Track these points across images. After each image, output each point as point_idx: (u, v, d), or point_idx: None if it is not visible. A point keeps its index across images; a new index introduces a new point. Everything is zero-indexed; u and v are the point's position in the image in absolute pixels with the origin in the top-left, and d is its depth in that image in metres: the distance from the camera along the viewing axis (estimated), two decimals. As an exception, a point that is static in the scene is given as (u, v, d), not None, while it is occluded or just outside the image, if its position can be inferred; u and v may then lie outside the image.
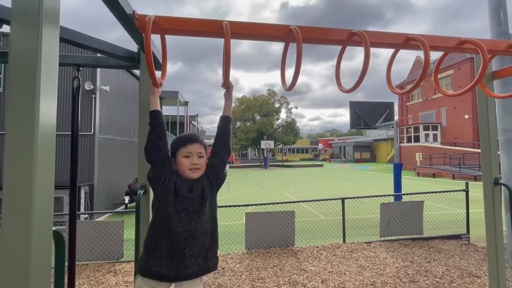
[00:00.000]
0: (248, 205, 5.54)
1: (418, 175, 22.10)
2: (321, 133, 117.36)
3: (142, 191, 1.76)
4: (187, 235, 1.32)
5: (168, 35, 1.41)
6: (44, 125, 0.76)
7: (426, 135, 28.45)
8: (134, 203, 9.69)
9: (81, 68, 2.03)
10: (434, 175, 20.63)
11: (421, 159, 25.88)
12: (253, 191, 14.67)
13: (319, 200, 6.11)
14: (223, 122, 1.51)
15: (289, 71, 1.87)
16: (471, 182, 6.36)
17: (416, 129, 29.42)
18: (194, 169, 1.38)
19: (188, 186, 1.37)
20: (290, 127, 40.05)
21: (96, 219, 7.58)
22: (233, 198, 12.15)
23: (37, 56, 0.75)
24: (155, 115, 1.40)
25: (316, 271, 3.98)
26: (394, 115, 11.59)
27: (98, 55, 2.01)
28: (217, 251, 1.43)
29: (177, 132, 16.69)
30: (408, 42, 1.51)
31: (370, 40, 1.35)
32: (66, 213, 1.96)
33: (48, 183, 0.77)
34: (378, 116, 11.25)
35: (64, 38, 1.57)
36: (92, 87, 8.41)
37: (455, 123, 26.89)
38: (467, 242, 5.23)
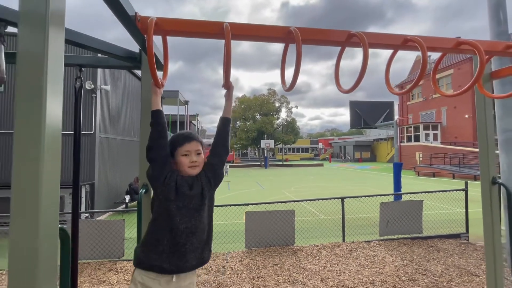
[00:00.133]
0: (248, 204, 5.56)
1: (418, 175, 22.11)
2: (321, 133, 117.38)
3: (144, 190, 1.79)
4: (188, 232, 1.37)
5: (169, 36, 1.43)
6: (51, 124, 0.77)
7: (426, 135, 28.44)
8: (135, 202, 9.65)
9: (83, 69, 2.04)
10: (434, 175, 20.63)
11: (421, 159, 25.89)
12: (253, 190, 14.69)
13: (319, 200, 6.14)
14: (223, 123, 1.55)
15: (289, 71, 1.88)
16: (471, 182, 6.37)
17: (416, 129, 29.40)
18: (193, 166, 1.44)
19: (189, 184, 1.40)
20: (290, 127, 40.03)
21: (97, 218, 7.61)
22: (233, 197, 12.18)
23: (43, 57, 0.76)
24: (158, 115, 1.42)
25: (315, 269, 4.01)
26: (394, 115, 11.61)
27: (99, 55, 2.03)
28: (212, 245, 1.51)
29: (177, 131, 16.70)
30: (406, 43, 1.53)
31: (368, 41, 1.37)
32: (68, 212, 1.98)
33: (55, 182, 0.79)
34: (378, 115, 11.27)
35: (67, 39, 1.59)
36: (92, 86, 8.43)
37: (455, 123, 26.88)
38: (466, 241, 5.25)
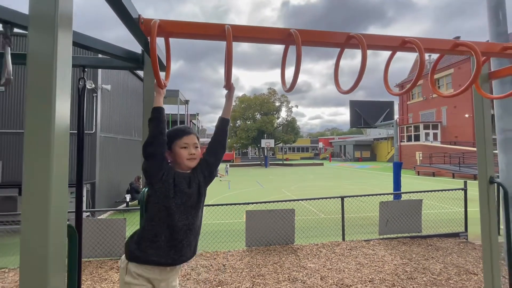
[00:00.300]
0: (249, 203, 5.59)
1: (418, 174, 22.13)
2: (322, 132, 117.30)
3: (147, 188, 1.81)
4: (186, 229, 1.41)
5: (172, 38, 1.46)
6: (60, 124, 0.80)
7: (426, 134, 28.44)
8: (136, 201, 9.65)
9: (86, 69, 2.07)
10: (434, 174, 20.67)
11: (421, 158, 25.90)
12: (253, 190, 14.73)
13: (319, 199, 6.16)
14: (222, 123, 1.58)
15: (289, 71, 1.91)
16: (470, 181, 6.38)
17: (416, 128, 29.40)
18: (191, 158, 1.47)
19: (186, 181, 1.43)
20: (291, 126, 40.01)
21: (98, 217, 7.63)
22: (234, 197, 12.21)
23: (52, 59, 0.79)
24: (160, 112, 1.42)
25: (315, 268, 4.04)
26: (394, 114, 11.62)
27: (100, 55, 2.06)
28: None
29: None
30: (404, 44, 1.56)
31: (367, 43, 1.40)
32: (71, 211, 2.01)
33: (63, 179, 0.82)
34: (378, 115, 11.27)
35: (73, 41, 1.62)
36: (93, 85, 8.45)
37: (455, 122, 26.88)
38: (465, 240, 5.28)
